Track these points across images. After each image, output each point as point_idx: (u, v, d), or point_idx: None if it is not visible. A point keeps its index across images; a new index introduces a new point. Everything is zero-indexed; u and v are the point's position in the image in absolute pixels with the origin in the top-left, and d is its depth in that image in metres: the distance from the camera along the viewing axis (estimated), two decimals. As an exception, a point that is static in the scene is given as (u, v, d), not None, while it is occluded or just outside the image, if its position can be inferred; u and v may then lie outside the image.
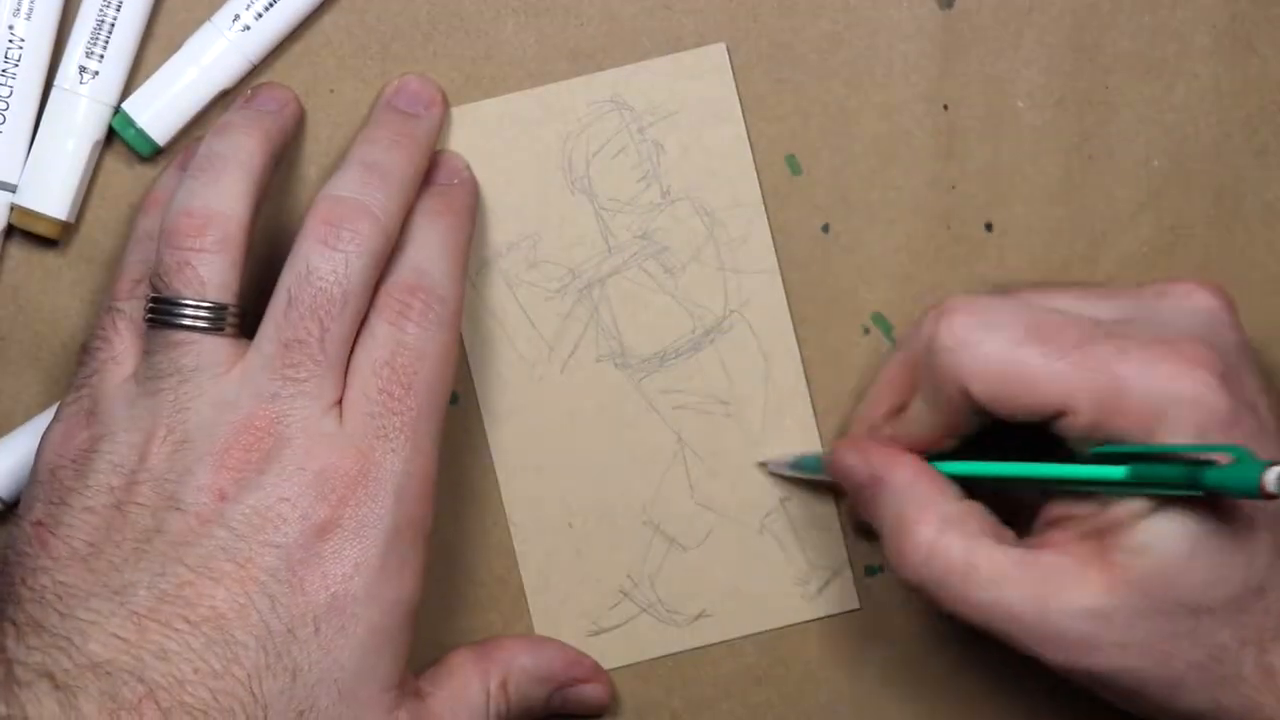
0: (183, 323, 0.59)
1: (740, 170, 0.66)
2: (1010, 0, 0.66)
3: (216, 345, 0.59)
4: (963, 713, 0.67)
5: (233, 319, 0.60)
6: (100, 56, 0.64)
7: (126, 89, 0.65)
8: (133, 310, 0.61)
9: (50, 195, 0.64)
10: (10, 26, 0.64)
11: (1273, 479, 0.53)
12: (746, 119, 0.66)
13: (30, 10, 0.64)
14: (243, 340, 0.60)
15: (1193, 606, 0.57)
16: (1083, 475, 0.58)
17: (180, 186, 0.61)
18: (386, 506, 0.59)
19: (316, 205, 0.60)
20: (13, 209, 0.64)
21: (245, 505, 0.58)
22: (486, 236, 0.66)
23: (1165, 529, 0.57)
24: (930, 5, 0.66)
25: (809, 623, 0.67)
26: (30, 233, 0.65)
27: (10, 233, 0.65)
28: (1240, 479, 0.54)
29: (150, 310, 0.60)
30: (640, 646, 0.66)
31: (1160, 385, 0.57)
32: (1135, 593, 0.57)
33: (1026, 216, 0.66)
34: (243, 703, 0.57)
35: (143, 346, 0.60)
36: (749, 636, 0.67)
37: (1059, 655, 0.58)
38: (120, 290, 0.62)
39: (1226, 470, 0.54)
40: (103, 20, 0.64)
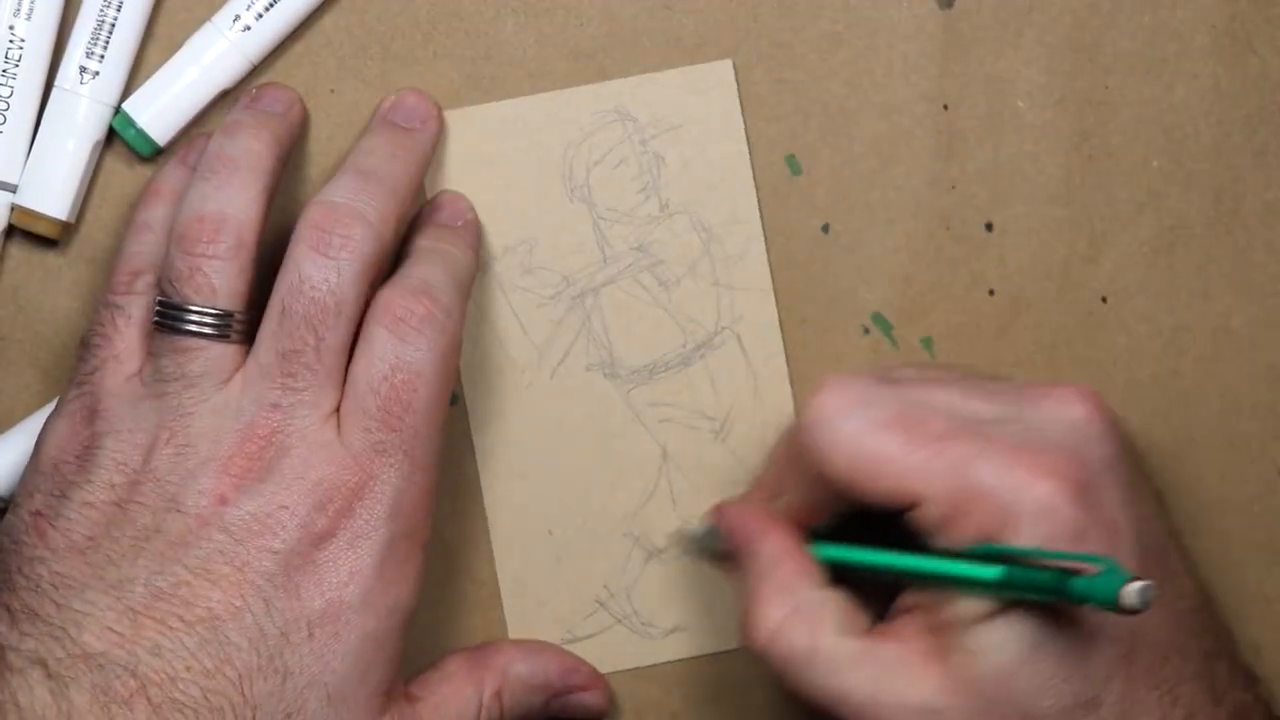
0: (191, 329, 0.60)
1: (740, 187, 0.66)
2: (1010, 0, 0.66)
3: (222, 352, 0.60)
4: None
5: (239, 326, 0.60)
6: (100, 57, 0.64)
7: (127, 89, 0.65)
8: (134, 308, 0.61)
9: (50, 195, 0.64)
10: (10, 27, 0.64)
11: (1132, 593, 0.53)
12: (747, 119, 0.66)
13: (30, 10, 0.64)
14: (246, 347, 0.60)
15: (1025, 712, 0.57)
16: (955, 572, 0.57)
17: (191, 189, 0.61)
18: (383, 519, 0.59)
19: (308, 211, 0.60)
20: (13, 209, 0.65)
21: (245, 511, 0.58)
22: (483, 240, 0.66)
23: (1006, 632, 0.57)
24: (930, 5, 0.66)
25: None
26: (30, 233, 0.65)
27: (10, 233, 0.65)
28: (1102, 589, 0.53)
29: (159, 314, 0.60)
30: (613, 657, 0.66)
31: (1012, 490, 0.57)
32: (969, 693, 0.57)
33: (1026, 216, 0.66)
34: (232, 702, 0.57)
35: (148, 348, 0.61)
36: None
37: None
38: (119, 282, 0.62)
39: (1092, 580, 0.54)
40: (103, 20, 0.64)
